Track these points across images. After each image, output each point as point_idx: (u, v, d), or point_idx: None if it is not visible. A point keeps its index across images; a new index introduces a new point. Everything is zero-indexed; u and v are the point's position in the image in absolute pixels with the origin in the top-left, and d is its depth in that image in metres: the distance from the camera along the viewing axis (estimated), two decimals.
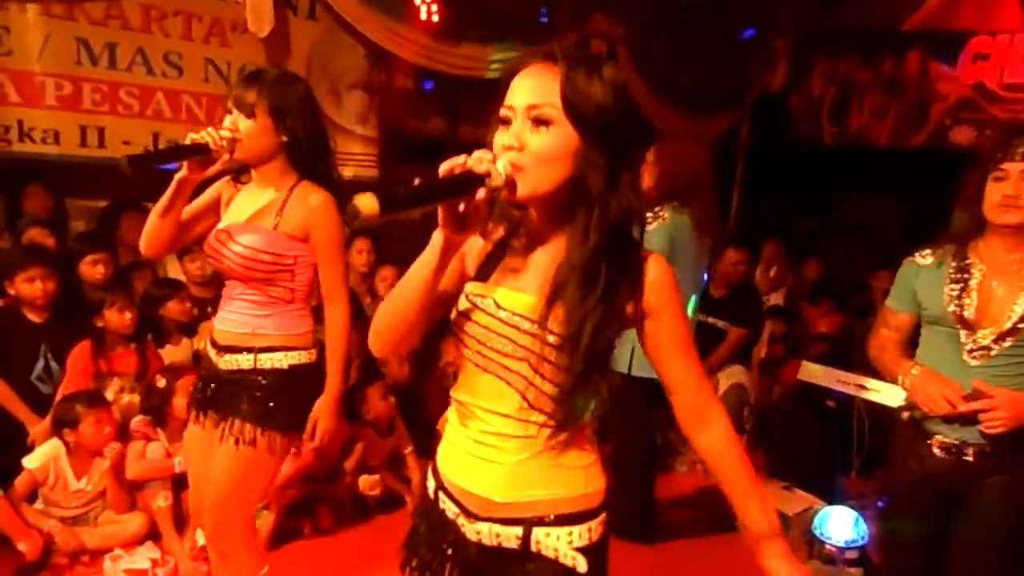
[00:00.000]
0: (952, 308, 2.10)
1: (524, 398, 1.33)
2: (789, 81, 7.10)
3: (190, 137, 2.05)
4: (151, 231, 2.22)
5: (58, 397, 3.34)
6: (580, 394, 1.30)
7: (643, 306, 1.33)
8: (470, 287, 1.40)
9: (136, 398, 3.49)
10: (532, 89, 1.26)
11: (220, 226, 2.24)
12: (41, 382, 3.51)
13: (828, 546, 3.28)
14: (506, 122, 1.28)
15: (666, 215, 3.30)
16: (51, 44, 4.28)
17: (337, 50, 5.27)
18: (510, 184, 1.24)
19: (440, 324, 1.44)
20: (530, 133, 1.25)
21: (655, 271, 1.34)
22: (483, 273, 1.40)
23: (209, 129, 2.07)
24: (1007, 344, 2.03)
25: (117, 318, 3.54)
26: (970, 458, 2.09)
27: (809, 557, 3.38)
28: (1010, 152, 2.02)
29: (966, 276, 2.11)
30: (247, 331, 2.21)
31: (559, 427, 1.33)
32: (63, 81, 4.34)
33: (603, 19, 6.02)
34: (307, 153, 2.20)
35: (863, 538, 3.25)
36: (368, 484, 3.72)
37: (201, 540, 3.24)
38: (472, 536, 1.41)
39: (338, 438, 3.77)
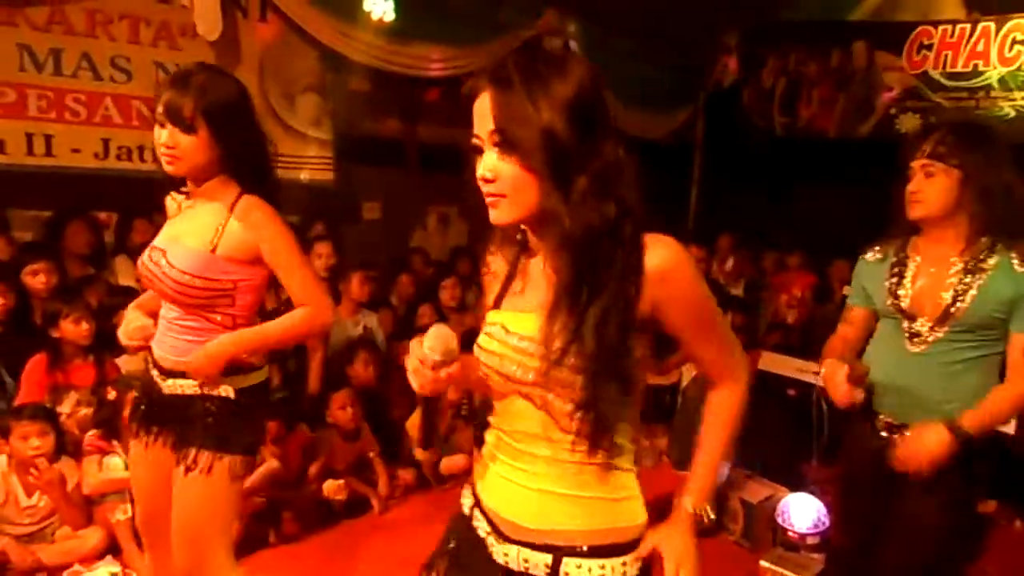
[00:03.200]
0: (890, 300, 2.21)
1: (548, 414, 1.30)
2: (741, 75, 7.20)
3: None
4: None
5: None
6: (598, 402, 1.24)
7: (649, 298, 1.26)
8: (488, 316, 1.40)
9: (91, 411, 3.42)
10: (487, 111, 1.23)
11: (156, 243, 2.10)
12: None
13: (791, 532, 3.33)
14: (478, 151, 1.25)
15: None
16: None
17: (289, 53, 5.23)
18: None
19: (403, 326, 1.44)
20: (498, 160, 1.22)
21: (653, 258, 1.25)
22: (497, 301, 1.40)
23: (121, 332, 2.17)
24: (942, 331, 2.12)
25: (73, 329, 3.47)
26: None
27: (773, 544, 3.44)
28: (913, 152, 2.13)
29: (903, 268, 2.21)
30: (188, 359, 2.06)
31: (590, 444, 1.28)
32: (6, 89, 4.25)
33: (555, 15, 6.04)
34: (248, 163, 2.06)
35: (824, 524, 3.30)
36: (333, 489, 3.69)
37: None
38: (500, 558, 1.37)
39: (298, 441, 3.74)
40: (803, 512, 3.35)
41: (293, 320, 2.09)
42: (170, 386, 2.10)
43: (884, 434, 2.22)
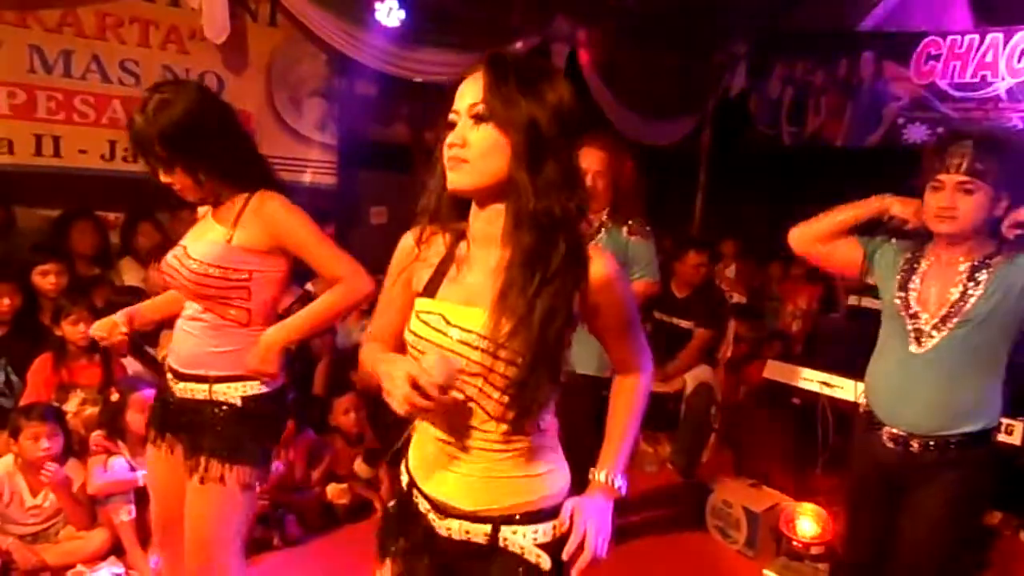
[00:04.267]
0: (898, 295, 2.21)
1: (483, 410, 1.37)
2: (748, 84, 7.20)
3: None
4: None
5: None
6: (530, 392, 1.33)
7: (589, 303, 1.39)
8: (419, 304, 1.43)
9: (97, 410, 3.42)
10: (472, 90, 1.32)
11: (181, 242, 2.14)
12: (3, 396, 3.46)
13: (795, 542, 3.32)
14: (452, 126, 1.34)
15: (609, 225, 3.29)
16: (4, 52, 4.21)
17: (297, 57, 5.24)
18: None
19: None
20: (470, 129, 1.31)
21: (597, 268, 1.38)
22: (431, 288, 1.43)
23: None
24: (946, 331, 2.12)
25: (71, 330, 3.47)
26: (915, 448, 2.18)
27: (777, 553, 3.42)
28: (945, 163, 2.07)
29: (915, 266, 2.22)
30: (201, 359, 2.07)
31: (514, 431, 1.38)
32: (16, 89, 4.27)
33: (564, 22, 6.05)
34: (242, 165, 2.08)
35: (829, 533, 3.29)
36: (336, 493, 3.69)
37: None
38: (443, 531, 1.46)
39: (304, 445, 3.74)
40: (808, 521, 3.34)
41: (334, 296, 2.10)
42: (181, 390, 2.11)
43: (891, 446, 2.22)
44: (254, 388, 2.08)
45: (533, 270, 1.30)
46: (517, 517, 1.42)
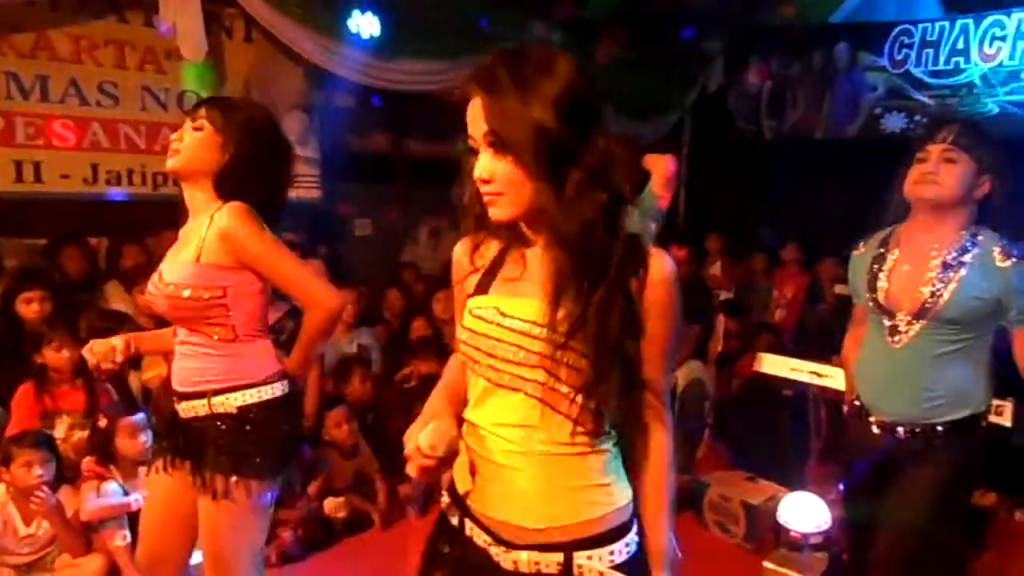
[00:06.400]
0: (868, 295, 2.22)
1: (545, 404, 1.30)
2: (726, 79, 7.24)
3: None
4: None
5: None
6: (603, 388, 1.26)
7: (644, 302, 1.30)
8: (471, 303, 1.37)
9: (86, 435, 3.40)
10: (477, 115, 1.25)
11: (159, 268, 2.09)
12: None
13: (793, 533, 3.33)
14: (474, 152, 1.27)
15: None
16: None
17: (275, 72, 5.24)
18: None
19: (398, 340, 1.44)
20: (492, 160, 1.24)
21: (656, 268, 1.30)
22: (482, 287, 1.38)
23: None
24: (922, 325, 2.12)
25: (55, 357, 3.43)
26: (901, 435, 2.20)
27: (776, 545, 3.43)
28: (934, 136, 2.13)
29: (881, 263, 2.22)
30: (196, 376, 2.05)
31: (583, 429, 1.30)
32: None
33: (541, 27, 6.07)
34: (242, 178, 2.03)
35: (827, 523, 3.30)
36: (333, 507, 3.68)
37: None
38: (508, 565, 1.35)
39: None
40: (804, 511, 3.35)
41: (307, 327, 2.10)
42: (184, 409, 2.08)
43: (878, 432, 2.24)
44: (252, 396, 2.04)
45: (580, 277, 1.25)
46: (589, 538, 1.32)
